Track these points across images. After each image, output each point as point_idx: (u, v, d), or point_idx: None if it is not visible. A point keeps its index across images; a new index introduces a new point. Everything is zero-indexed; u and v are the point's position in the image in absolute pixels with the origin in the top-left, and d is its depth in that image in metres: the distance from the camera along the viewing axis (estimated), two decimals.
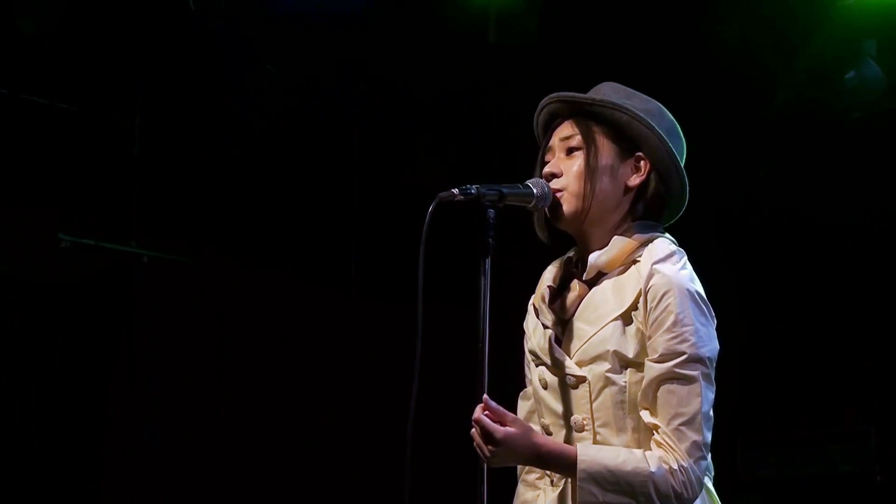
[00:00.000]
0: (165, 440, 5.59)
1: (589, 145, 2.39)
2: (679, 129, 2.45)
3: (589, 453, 2.24)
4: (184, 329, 5.74)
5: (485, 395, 2.24)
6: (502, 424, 2.22)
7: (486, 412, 2.22)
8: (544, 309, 2.43)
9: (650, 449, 2.26)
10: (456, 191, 2.29)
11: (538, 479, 2.47)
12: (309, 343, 6.10)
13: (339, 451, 6.08)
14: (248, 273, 5.99)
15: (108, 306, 5.62)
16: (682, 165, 2.43)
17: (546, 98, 2.47)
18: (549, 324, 2.41)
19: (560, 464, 2.26)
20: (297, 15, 5.39)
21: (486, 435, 2.21)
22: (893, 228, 5.86)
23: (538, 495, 2.45)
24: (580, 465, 2.22)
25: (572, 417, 2.33)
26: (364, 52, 5.75)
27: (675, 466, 2.22)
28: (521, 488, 2.51)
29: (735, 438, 5.88)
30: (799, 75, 5.42)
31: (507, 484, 2.59)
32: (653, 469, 2.21)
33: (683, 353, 2.24)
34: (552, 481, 2.39)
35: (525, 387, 2.55)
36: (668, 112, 2.45)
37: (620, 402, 2.29)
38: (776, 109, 5.66)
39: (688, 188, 2.43)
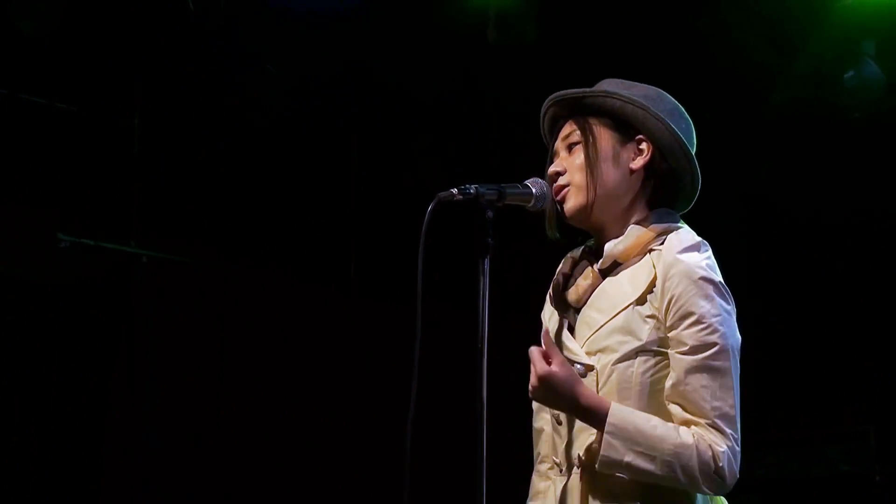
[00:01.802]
0: (165, 440, 5.59)
1: (587, 137, 2.39)
2: (682, 110, 2.43)
3: (622, 410, 2.22)
4: (183, 329, 5.74)
5: (545, 328, 2.30)
6: (549, 362, 2.24)
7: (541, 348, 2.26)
8: (558, 297, 2.43)
9: None
10: (455, 190, 2.29)
11: (550, 469, 2.45)
12: (309, 343, 6.10)
13: (339, 451, 6.08)
14: (247, 273, 5.99)
15: (107, 306, 5.62)
16: (694, 146, 2.41)
17: (545, 103, 2.48)
18: (562, 311, 2.41)
19: (592, 416, 2.24)
20: (297, 15, 5.39)
21: (533, 369, 2.24)
22: (893, 228, 5.86)
23: (549, 486, 2.44)
24: (610, 419, 2.21)
25: None
26: (364, 53, 5.75)
27: (705, 447, 2.19)
28: (534, 479, 2.50)
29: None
30: (798, 75, 5.43)
31: (506, 484, 2.59)
32: (683, 440, 2.19)
33: (715, 344, 2.23)
34: (561, 470, 2.37)
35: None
36: (669, 96, 2.43)
37: (626, 390, 2.27)
38: (776, 109, 5.66)
39: (696, 164, 2.40)
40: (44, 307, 5.48)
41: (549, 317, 2.46)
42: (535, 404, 2.50)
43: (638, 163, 2.39)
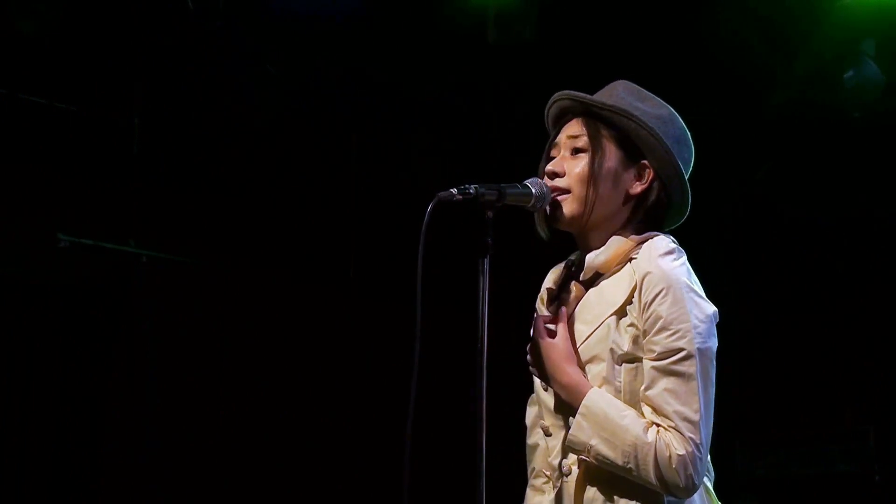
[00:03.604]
0: (165, 440, 5.59)
1: (595, 149, 2.38)
2: (689, 136, 2.44)
3: (599, 396, 2.27)
4: (183, 329, 5.74)
5: (563, 309, 2.36)
6: (551, 336, 2.33)
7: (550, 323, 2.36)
8: (544, 311, 2.43)
9: None
10: (455, 191, 2.28)
11: (544, 483, 2.47)
12: (308, 343, 6.10)
13: (339, 451, 6.08)
14: (247, 273, 5.99)
15: (107, 306, 5.62)
16: (689, 173, 2.43)
17: (557, 94, 2.46)
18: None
19: (571, 395, 2.30)
20: (296, 15, 5.39)
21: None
22: (893, 228, 5.86)
23: (543, 499, 2.45)
24: (585, 401, 2.26)
25: (571, 419, 2.32)
26: (364, 52, 5.75)
27: (663, 447, 2.21)
28: (529, 493, 2.51)
29: (734, 438, 5.88)
30: (798, 75, 5.43)
31: (506, 484, 2.59)
32: (646, 437, 2.22)
33: (682, 350, 2.24)
34: (550, 481, 2.39)
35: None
36: (679, 119, 2.44)
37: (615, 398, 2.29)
38: (776, 109, 5.66)
39: (689, 198, 2.42)
40: (44, 307, 5.48)
41: None
42: (528, 420, 2.52)
43: (637, 189, 2.40)
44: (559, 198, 2.38)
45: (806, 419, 6.08)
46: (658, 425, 2.23)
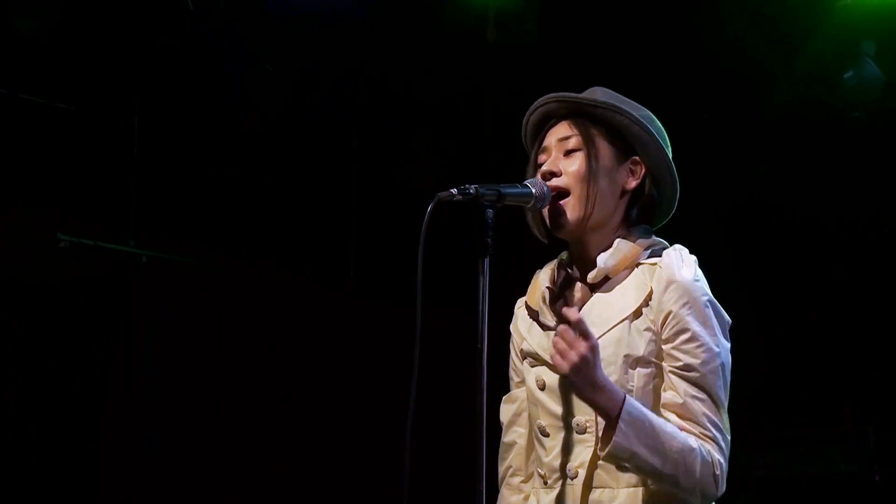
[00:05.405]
0: (164, 440, 5.59)
1: (589, 147, 2.38)
2: (667, 138, 2.44)
3: (637, 403, 2.21)
4: (182, 329, 5.74)
5: (579, 315, 2.16)
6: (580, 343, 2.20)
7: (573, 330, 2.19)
8: (545, 310, 2.41)
9: None
10: (455, 191, 2.27)
11: (523, 482, 2.47)
12: (308, 343, 6.10)
13: (338, 452, 6.08)
14: (247, 273, 5.99)
15: (107, 306, 5.62)
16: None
17: (541, 99, 2.46)
18: (551, 325, 2.39)
19: (610, 399, 2.18)
20: (296, 15, 5.39)
21: (572, 343, 2.14)
22: (893, 228, 5.86)
23: (526, 497, 2.45)
24: (626, 407, 2.17)
25: (574, 419, 2.32)
26: (363, 52, 5.75)
27: (706, 453, 2.23)
28: (504, 492, 2.51)
29: (734, 438, 5.87)
30: (798, 75, 5.43)
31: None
32: (689, 442, 2.21)
33: (708, 361, 2.25)
34: (545, 482, 2.36)
35: (508, 391, 2.55)
36: (657, 120, 2.45)
37: None
38: (776, 109, 5.66)
39: (678, 194, 2.44)
40: (44, 307, 5.48)
41: (527, 329, 2.45)
42: (504, 417, 2.51)
43: (631, 184, 2.41)
44: (561, 203, 2.37)
45: (806, 419, 6.08)
46: (689, 432, 2.24)
